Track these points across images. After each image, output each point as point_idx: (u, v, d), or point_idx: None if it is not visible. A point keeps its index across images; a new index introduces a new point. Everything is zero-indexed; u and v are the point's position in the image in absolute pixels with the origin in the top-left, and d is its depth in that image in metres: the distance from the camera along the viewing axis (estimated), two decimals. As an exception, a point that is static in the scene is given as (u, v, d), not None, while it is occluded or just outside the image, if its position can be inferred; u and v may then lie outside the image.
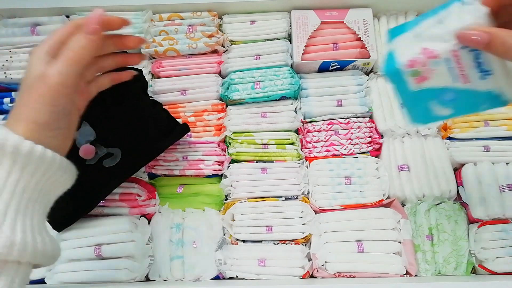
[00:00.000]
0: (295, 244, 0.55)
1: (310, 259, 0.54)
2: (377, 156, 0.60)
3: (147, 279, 0.55)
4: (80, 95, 0.38)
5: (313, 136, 0.60)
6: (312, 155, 0.60)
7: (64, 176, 0.33)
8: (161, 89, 0.62)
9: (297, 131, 0.62)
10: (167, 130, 0.55)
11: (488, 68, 0.35)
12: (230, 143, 0.60)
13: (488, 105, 0.37)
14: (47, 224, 0.40)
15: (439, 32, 0.35)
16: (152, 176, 0.60)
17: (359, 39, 0.62)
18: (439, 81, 0.36)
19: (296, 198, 0.57)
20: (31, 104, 0.31)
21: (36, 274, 0.51)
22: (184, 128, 0.56)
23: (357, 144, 0.60)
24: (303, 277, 0.53)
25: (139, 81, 0.58)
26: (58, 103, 0.31)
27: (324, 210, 0.56)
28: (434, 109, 0.38)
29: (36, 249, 0.30)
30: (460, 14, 0.34)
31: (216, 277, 0.55)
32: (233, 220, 0.56)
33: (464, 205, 0.57)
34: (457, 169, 0.59)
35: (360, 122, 0.60)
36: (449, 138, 0.60)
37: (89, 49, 0.33)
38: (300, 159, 0.59)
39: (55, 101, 0.31)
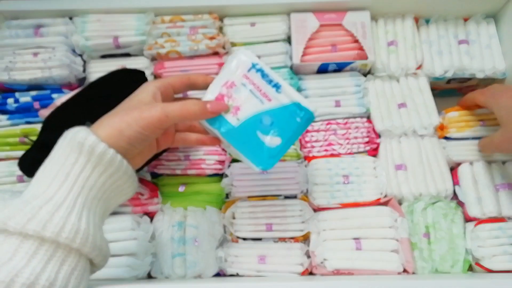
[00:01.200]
0: (294, 241, 0.55)
1: (309, 257, 0.55)
2: (374, 156, 0.61)
3: (149, 276, 0.55)
4: (165, 136, 0.43)
5: (312, 136, 0.61)
6: (311, 155, 0.60)
7: (127, 184, 0.36)
8: (163, 90, 0.63)
9: (296, 131, 0.62)
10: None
11: (276, 81, 0.41)
12: (230, 143, 0.60)
13: (301, 117, 0.42)
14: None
15: (227, 70, 0.41)
16: (154, 175, 0.60)
17: (357, 41, 0.62)
18: (250, 107, 0.41)
19: (295, 197, 0.58)
20: (126, 119, 0.35)
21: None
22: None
23: (355, 144, 0.60)
24: (302, 274, 0.53)
25: (142, 82, 0.59)
26: (148, 131, 0.35)
27: (322, 208, 0.57)
28: (264, 141, 0.41)
29: (95, 243, 0.32)
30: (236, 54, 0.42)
31: (217, 274, 0.55)
32: (234, 218, 0.57)
33: (460, 203, 0.57)
34: (453, 169, 0.60)
35: (358, 122, 0.61)
36: (446, 138, 0.60)
37: (198, 117, 0.39)
38: (299, 159, 0.60)
39: (146, 127, 0.35)
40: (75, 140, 0.32)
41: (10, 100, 0.62)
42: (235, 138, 0.41)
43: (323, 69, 0.64)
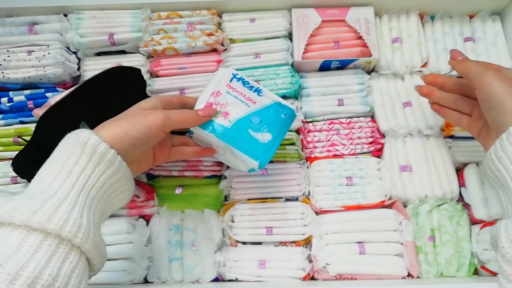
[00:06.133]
0: (296, 245, 0.54)
1: (310, 261, 0.54)
2: (378, 157, 0.60)
3: (146, 281, 0.55)
4: (162, 148, 0.46)
5: (314, 136, 0.60)
6: (313, 156, 0.59)
7: (125, 186, 0.38)
8: (160, 89, 0.62)
9: (297, 131, 0.61)
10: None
11: (257, 87, 0.48)
12: (229, 143, 0.60)
13: (285, 114, 0.47)
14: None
15: (212, 83, 0.48)
16: (150, 176, 0.59)
17: (360, 37, 0.61)
18: (238, 110, 0.46)
19: (296, 199, 0.57)
20: (131, 120, 0.38)
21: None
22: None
23: (359, 144, 0.59)
24: (304, 279, 0.52)
25: (138, 80, 0.58)
26: (151, 132, 0.38)
27: (325, 211, 0.55)
28: (257, 137, 0.45)
29: (96, 241, 0.32)
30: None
31: (216, 279, 0.54)
32: (233, 222, 0.56)
33: (466, 206, 0.56)
34: (459, 170, 0.59)
35: (361, 122, 0.60)
36: (451, 137, 0.59)
37: (194, 122, 0.43)
38: (300, 160, 0.59)
39: (150, 129, 0.38)
40: (77, 139, 0.34)
41: (3, 99, 0.61)
42: (230, 137, 0.45)
43: (325, 67, 0.63)
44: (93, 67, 0.63)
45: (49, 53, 0.60)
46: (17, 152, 0.55)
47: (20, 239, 0.28)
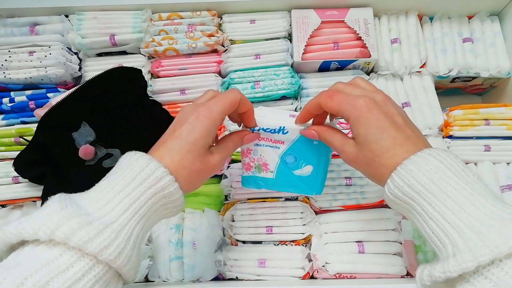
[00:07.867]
0: (295, 245, 0.54)
1: (310, 260, 0.54)
2: (377, 156, 0.60)
3: (147, 280, 0.55)
4: None
5: (314, 136, 0.60)
6: (312, 155, 0.59)
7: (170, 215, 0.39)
8: (161, 89, 0.62)
9: (297, 131, 0.61)
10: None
11: (278, 126, 0.44)
12: (230, 143, 0.60)
13: (318, 141, 0.43)
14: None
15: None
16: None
17: (359, 38, 0.61)
18: (273, 156, 0.46)
19: (296, 199, 0.57)
20: (209, 173, 0.40)
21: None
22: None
23: (358, 144, 0.59)
24: (304, 278, 0.52)
25: (139, 81, 0.58)
26: (216, 172, 0.41)
27: (324, 210, 0.56)
28: (300, 173, 0.46)
29: (136, 271, 0.33)
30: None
31: (216, 278, 0.55)
32: (233, 221, 0.56)
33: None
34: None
35: (360, 122, 0.60)
36: (450, 137, 0.59)
37: (238, 147, 0.44)
38: (300, 159, 0.59)
39: (216, 171, 0.41)
40: (162, 181, 0.35)
41: (5, 100, 0.61)
42: (279, 185, 0.47)
43: (324, 67, 0.63)
44: (94, 68, 0.63)
45: (50, 54, 0.60)
46: (19, 152, 0.55)
47: (73, 260, 0.28)
